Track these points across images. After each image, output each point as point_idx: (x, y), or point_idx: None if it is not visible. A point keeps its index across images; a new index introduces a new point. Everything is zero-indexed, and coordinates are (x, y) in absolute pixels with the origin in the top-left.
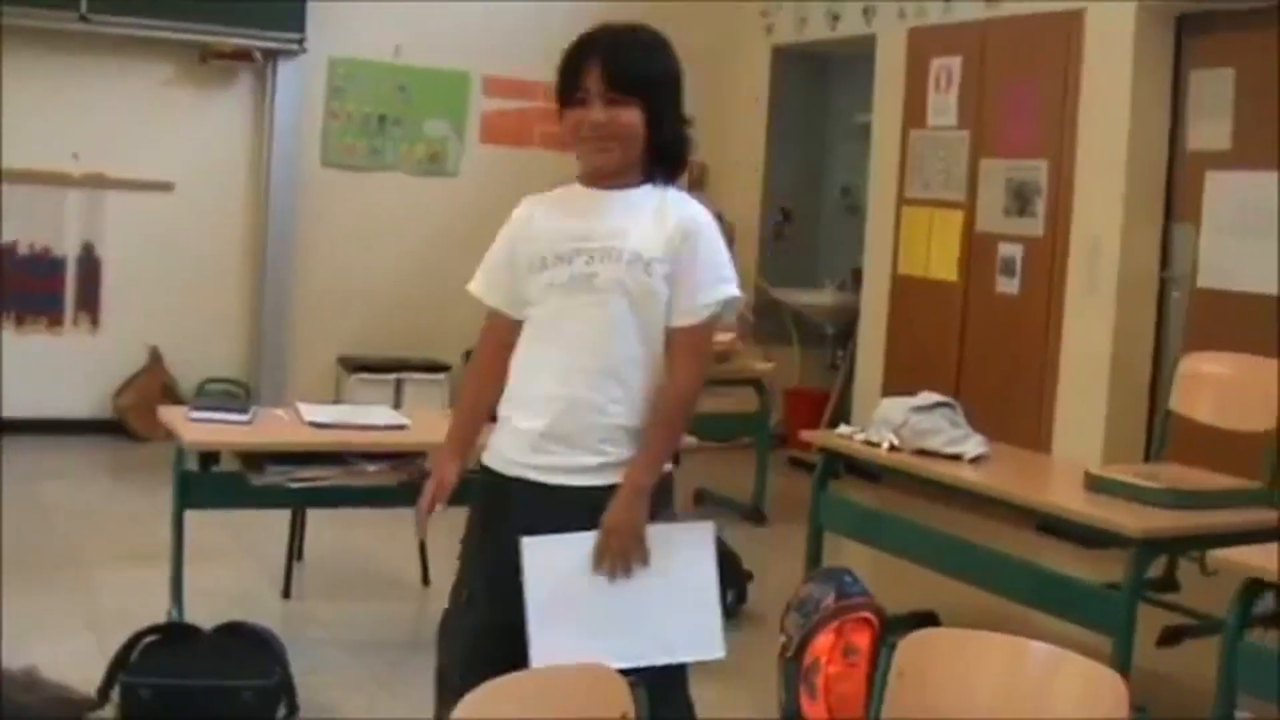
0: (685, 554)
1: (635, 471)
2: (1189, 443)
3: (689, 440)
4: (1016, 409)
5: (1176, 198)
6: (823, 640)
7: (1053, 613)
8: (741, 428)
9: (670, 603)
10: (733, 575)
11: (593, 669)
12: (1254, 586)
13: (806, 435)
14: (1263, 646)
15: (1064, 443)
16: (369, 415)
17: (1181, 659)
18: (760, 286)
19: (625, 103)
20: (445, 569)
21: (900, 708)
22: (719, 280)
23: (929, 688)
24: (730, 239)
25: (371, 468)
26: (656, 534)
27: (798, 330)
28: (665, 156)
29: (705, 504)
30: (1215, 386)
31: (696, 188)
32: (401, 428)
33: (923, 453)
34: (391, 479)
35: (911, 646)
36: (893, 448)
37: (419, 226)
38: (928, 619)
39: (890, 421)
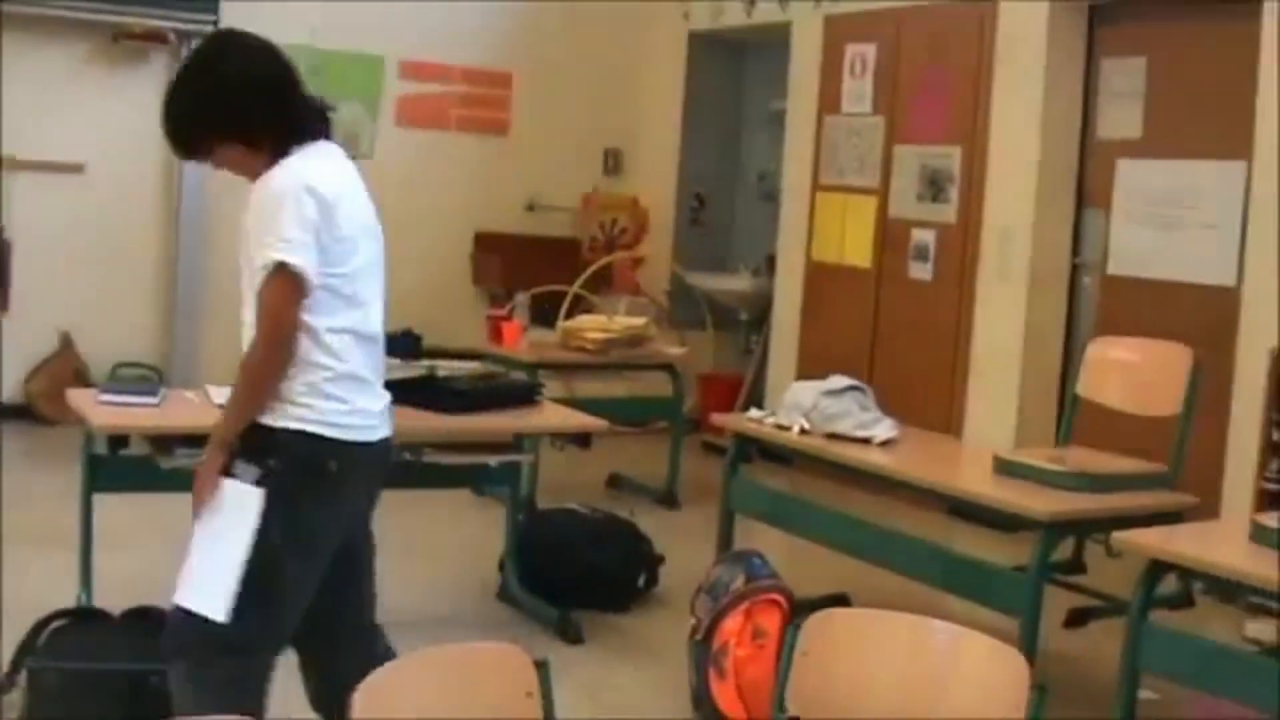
0: (232, 512)
1: (218, 422)
2: (1098, 426)
3: (600, 424)
4: (929, 394)
5: (1088, 185)
6: (731, 622)
7: (962, 595)
8: (655, 411)
9: (204, 552)
10: (644, 558)
11: (500, 649)
12: (1157, 568)
13: (717, 419)
14: (1166, 627)
15: (976, 428)
16: None
17: (1088, 640)
18: (675, 272)
19: (206, 154)
20: None
21: (804, 686)
22: (264, 245)
23: (832, 666)
24: (644, 225)
25: None
26: (226, 486)
27: (712, 315)
28: (283, 139)
29: (619, 488)
30: (1122, 371)
31: (612, 174)
32: None
33: (833, 436)
34: None
35: (815, 626)
36: (803, 431)
37: None
38: (838, 601)
39: (800, 405)
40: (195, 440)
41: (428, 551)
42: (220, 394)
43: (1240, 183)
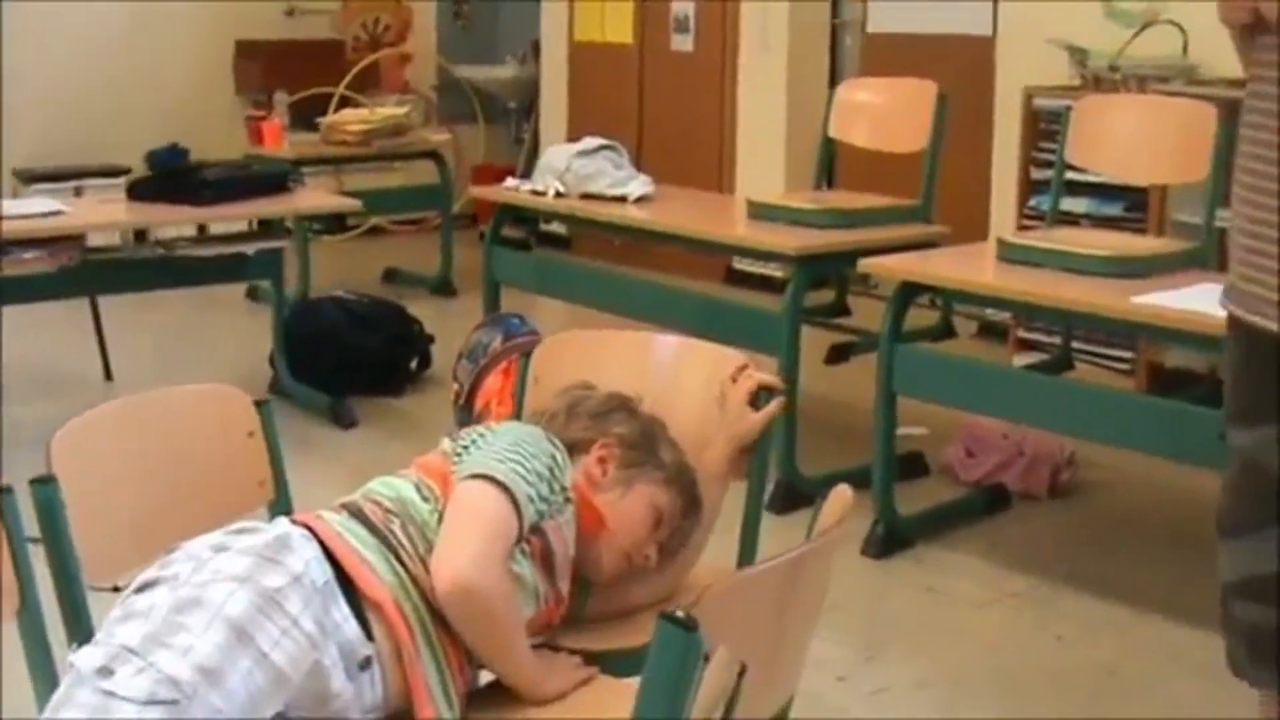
0: None
1: None
2: (865, 174)
3: (353, 204)
4: (699, 163)
5: None
6: (491, 382)
7: (725, 340)
8: (424, 200)
9: None
10: (414, 340)
11: (214, 389)
12: (907, 290)
13: (476, 191)
14: (918, 349)
15: (745, 189)
16: (24, 206)
17: (853, 377)
18: (442, 66)
19: None
20: (127, 363)
21: (537, 407)
22: None
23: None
24: (407, 21)
25: (28, 255)
26: None
27: (482, 107)
28: None
29: (395, 282)
30: (870, 111)
31: None
32: (58, 213)
33: (588, 196)
34: (51, 264)
35: (546, 351)
36: (558, 194)
37: (89, 28)
38: None
39: (555, 168)
40: None
41: (201, 354)
42: (13, 206)
43: None
